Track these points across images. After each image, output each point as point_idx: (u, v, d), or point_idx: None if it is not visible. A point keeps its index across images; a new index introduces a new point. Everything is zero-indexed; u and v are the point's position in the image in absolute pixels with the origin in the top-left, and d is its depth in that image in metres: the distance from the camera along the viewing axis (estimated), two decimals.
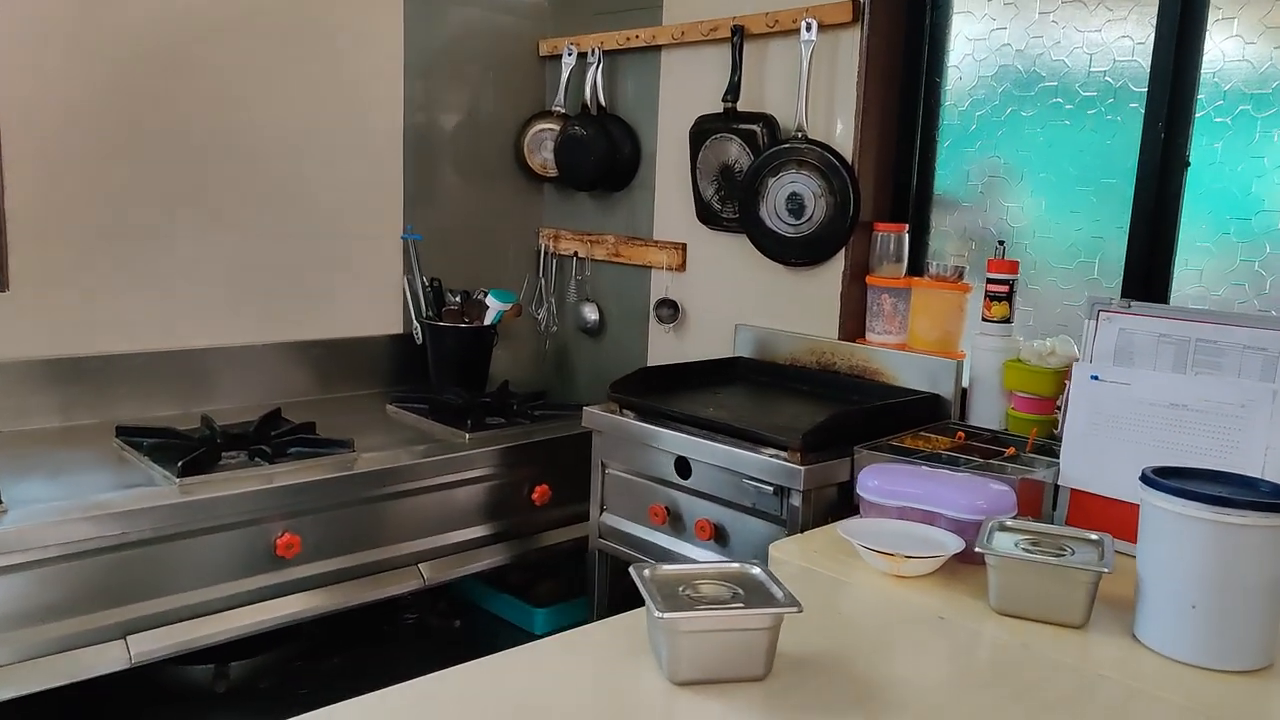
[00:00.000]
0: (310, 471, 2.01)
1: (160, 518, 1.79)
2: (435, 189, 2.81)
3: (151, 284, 2.35)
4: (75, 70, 2.19)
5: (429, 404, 2.48)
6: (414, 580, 2.15)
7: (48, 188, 2.19)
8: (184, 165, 2.37)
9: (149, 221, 2.33)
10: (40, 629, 1.68)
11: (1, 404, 2.15)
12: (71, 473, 1.92)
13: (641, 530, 2.09)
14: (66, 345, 2.25)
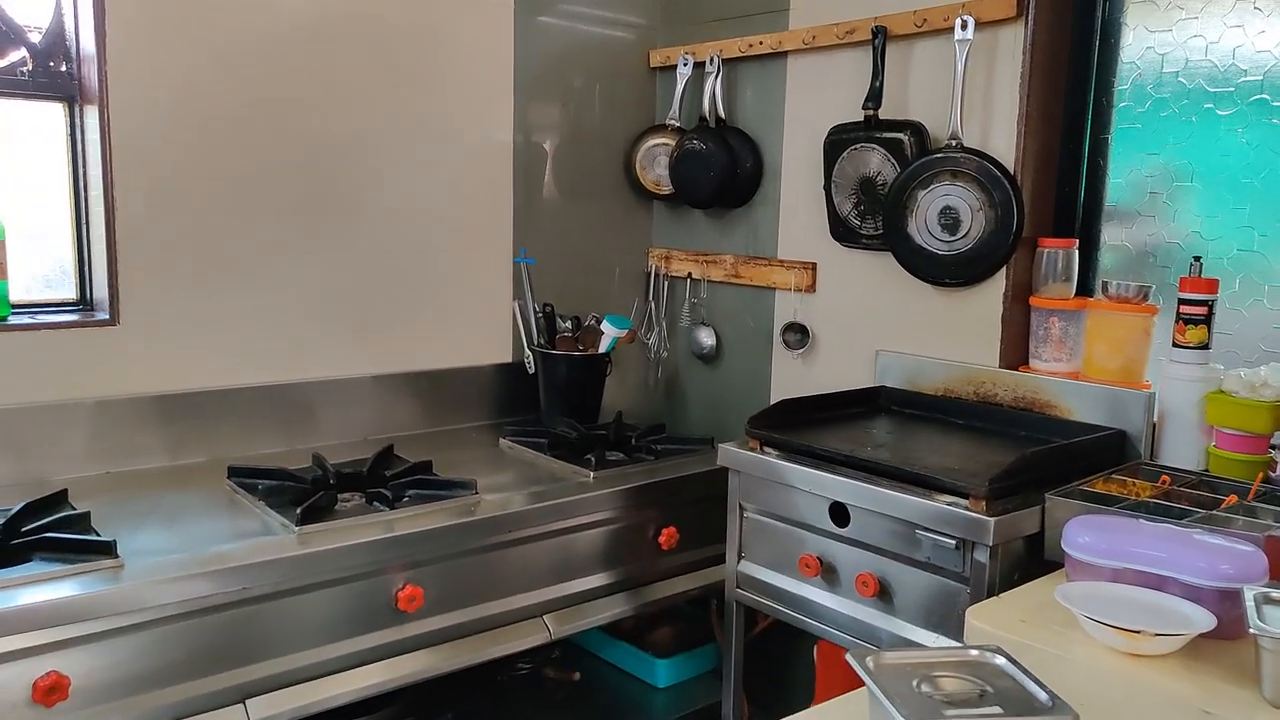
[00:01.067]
0: (432, 518, 1.86)
1: (281, 571, 1.66)
2: (543, 209, 2.66)
3: (256, 316, 2.24)
4: (188, 103, 2.09)
5: (546, 438, 2.32)
6: (539, 634, 1.99)
7: (156, 221, 2.09)
8: (290, 194, 2.25)
9: (254, 253, 2.22)
10: (157, 694, 1.56)
11: (111, 443, 2.05)
12: (185, 520, 1.80)
13: (788, 581, 1.90)
14: (173, 381, 2.14)
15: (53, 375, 2.00)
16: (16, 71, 2.04)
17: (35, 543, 1.58)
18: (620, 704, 2.31)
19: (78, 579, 1.51)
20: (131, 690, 1.53)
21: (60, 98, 2.09)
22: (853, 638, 1.78)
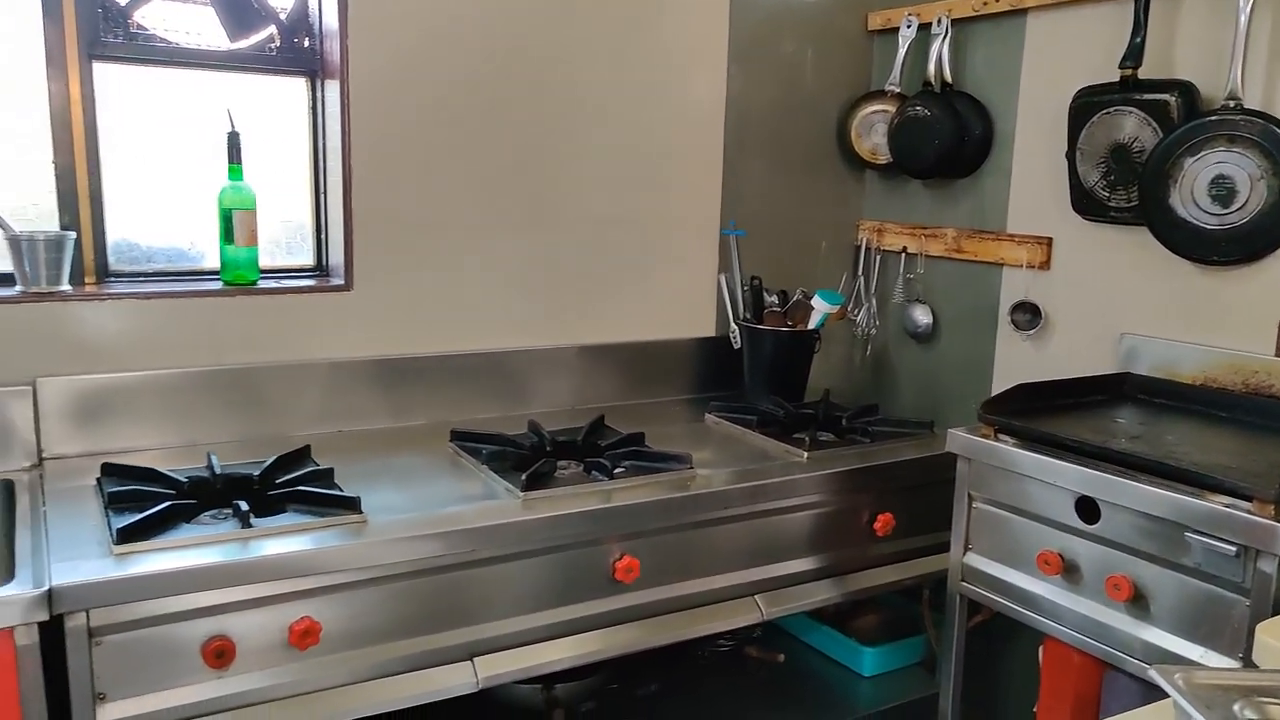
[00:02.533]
0: (649, 490, 1.85)
1: (506, 535, 1.68)
2: (752, 179, 2.60)
3: (473, 285, 2.29)
4: (417, 78, 2.15)
5: (755, 415, 2.27)
6: (751, 613, 1.96)
7: (387, 191, 2.16)
8: (505, 166, 2.28)
9: (473, 223, 2.27)
10: (394, 645, 1.61)
11: (342, 404, 2.15)
12: (415, 480, 1.86)
13: (1022, 578, 1.78)
14: (398, 346, 2.22)
15: (293, 337, 2.11)
16: (265, 48, 2.15)
17: (289, 495, 1.66)
18: (825, 689, 2.24)
19: (327, 531, 1.58)
20: (372, 640, 1.59)
21: (303, 72, 2.19)
22: (1094, 640, 1.65)
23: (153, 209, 2.09)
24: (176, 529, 1.54)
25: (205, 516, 1.61)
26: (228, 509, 1.63)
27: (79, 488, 1.75)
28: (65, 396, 1.89)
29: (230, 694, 1.49)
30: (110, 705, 1.41)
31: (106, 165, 2.02)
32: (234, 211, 2.04)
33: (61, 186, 1.98)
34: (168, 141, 2.08)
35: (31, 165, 1.95)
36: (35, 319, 1.87)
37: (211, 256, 2.15)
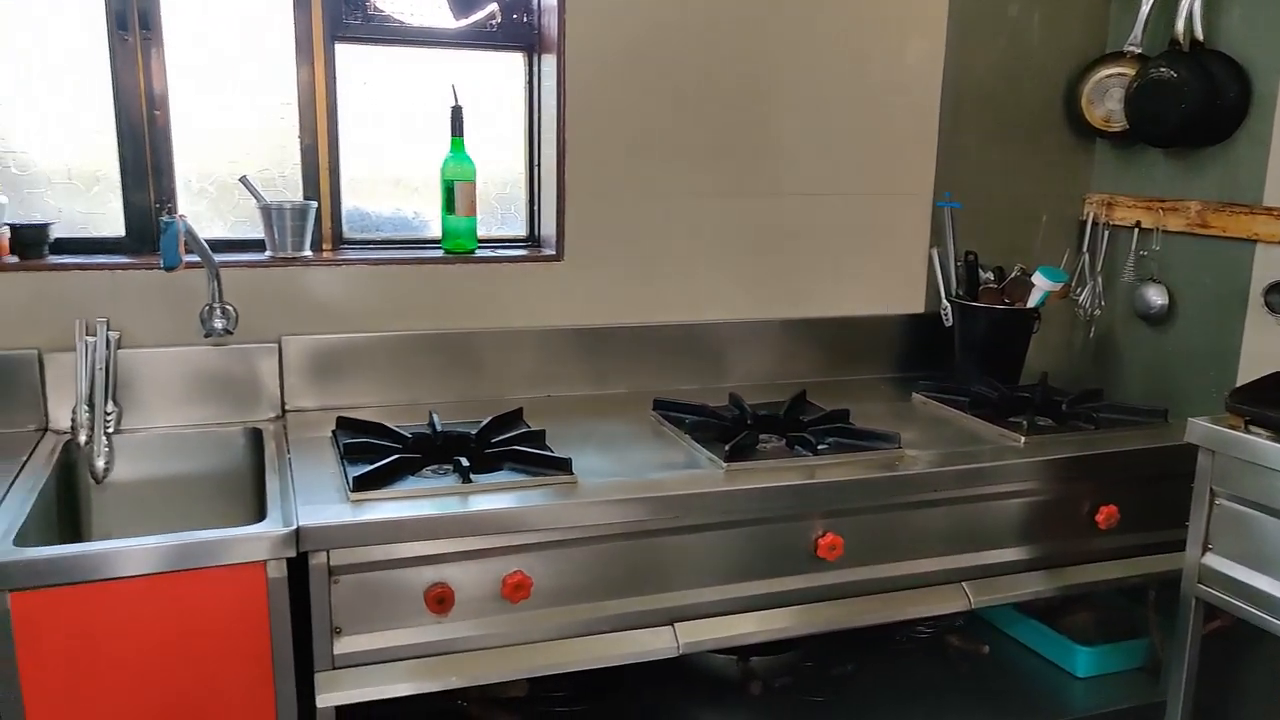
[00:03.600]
0: (854, 468, 1.80)
1: (710, 504, 1.69)
2: (970, 149, 2.47)
3: (676, 257, 2.31)
4: (630, 50, 2.17)
5: (967, 396, 2.17)
6: (957, 601, 1.88)
7: (598, 164, 2.20)
8: (710, 138, 2.28)
9: (678, 196, 2.28)
10: (600, 605, 1.66)
11: (550, 369, 2.22)
12: (619, 446, 1.89)
13: (1272, 584, 1.62)
14: (603, 315, 2.27)
15: (506, 304, 2.20)
16: (486, 25, 2.23)
17: (505, 453, 1.73)
18: (1033, 687, 2.13)
19: (540, 490, 1.64)
20: (578, 597, 1.64)
21: (521, 47, 2.26)
22: None
23: (381, 180, 2.23)
24: (403, 480, 1.64)
25: (427, 470, 1.71)
26: (448, 464, 1.72)
27: (317, 438, 1.89)
28: (305, 354, 2.05)
29: (448, 639, 1.58)
30: (345, 639, 1.53)
31: (342, 139, 2.16)
32: (455, 183, 2.14)
33: (305, 160, 2.14)
34: (393, 115, 2.20)
35: (280, 139, 2.12)
36: (281, 282, 2.03)
37: (433, 226, 2.27)
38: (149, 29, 1.97)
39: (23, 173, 1.98)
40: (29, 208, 1.98)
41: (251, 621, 1.47)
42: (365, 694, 1.53)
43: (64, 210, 2.01)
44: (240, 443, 1.98)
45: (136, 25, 1.96)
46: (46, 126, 1.97)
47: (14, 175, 1.97)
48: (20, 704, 1.37)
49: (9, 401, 1.86)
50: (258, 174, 2.08)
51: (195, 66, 2.04)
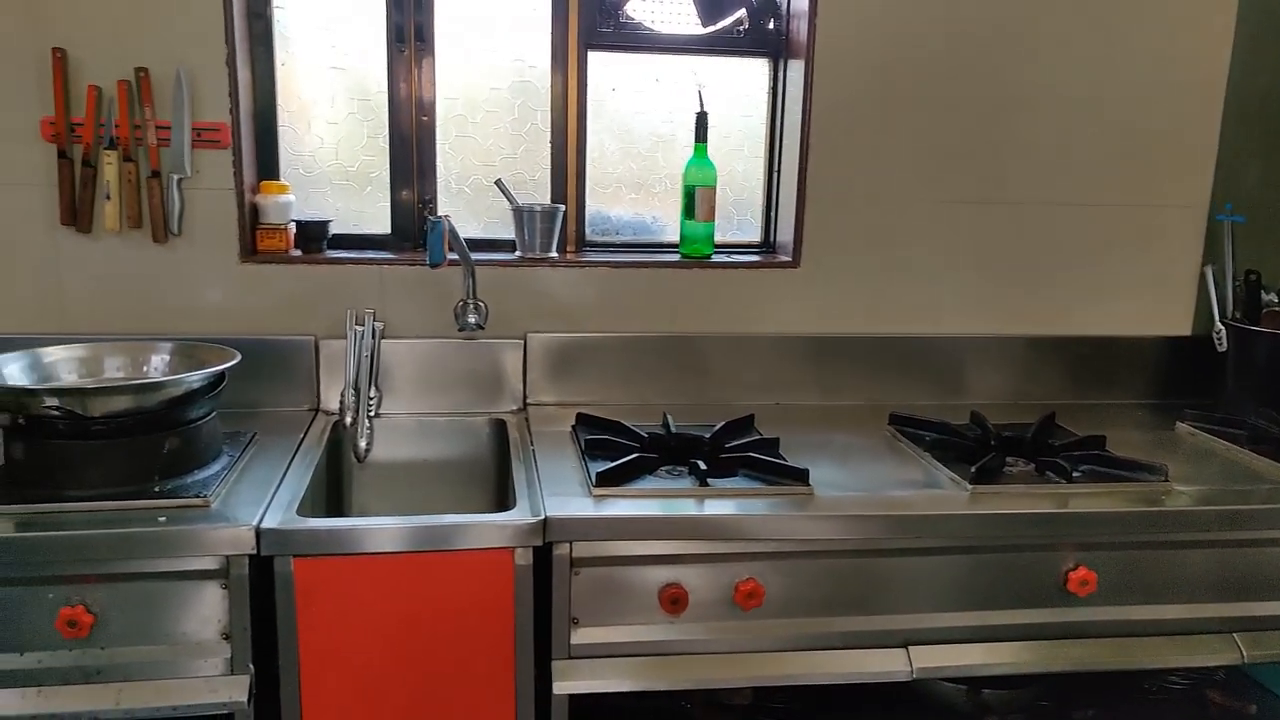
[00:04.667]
0: (1113, 499, 1.68)
1: (953, 527, 1.62)
2: (1255, 160, 2.24)
3: (915, 267, 2.23)
4: (879, 58, 2.12)
5: (1242, 429, 1.97)
6: (1228, 653, 1.71)
7: (840, 171, 2.17)
8: (962, 139, 2.18)
9: (920, 206, 2.21)
10: (830, 620, 1.62)
11: (781, 377, 2.20)
12: (855, 459, 1.85)
13: None
14: (836, 324, 2.23)
15: (740, 310, 2.20)
16: (734, 31, 2.24)
17: (740, 459, 1.73)
18: None
19: (776, 499, 1.63)
20: (811, 611, 1.62)
21: (766, 53, 2.25)
22: None
23: (622, 183, 2.28)
24: (641, 479, 1.67)
25: (662, 471, 1.73)
26: (682, 466, 1.73)
27: (557, 432, 1.96)
28: (547, 350, 2.13)
29: (679, 639, 1.59)
30: (582, 629, 1.57)
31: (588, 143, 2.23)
32: (697, 188, 2.16)
33: (555, 164, 2.22)
34: (636, 120, 2.25)
35: (532, 144, 2.22)
36: (528, 281, 2.13)
37: (670, 230, 2.31)
38: (423, 41, 2.11)
39: (308, 174, 2.17)
40: (312, 205, 2.17)
41: (497, 605, 1.54)
42: (598, 685, 1.57)
43: (340, 208, 2.19)
44: (485, 432, 2.08)
45: (412, 38, 2.11)
46: (331, 131, 2.16)
47: (301, 176, 2.16)
48: (297, 659, 1.50)
49: (289, 382, 2.04)
50: (510, 176, 2.18)
51: (458, 75, 2.17)
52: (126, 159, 1.93)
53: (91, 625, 1.45)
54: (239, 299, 2.03)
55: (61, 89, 1.88)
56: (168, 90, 1.93)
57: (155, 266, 2.00)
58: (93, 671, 1.46)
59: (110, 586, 1.46)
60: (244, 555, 1.47)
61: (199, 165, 1.97)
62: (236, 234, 2.01)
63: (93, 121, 1.90)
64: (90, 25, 1.88)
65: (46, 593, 1.44)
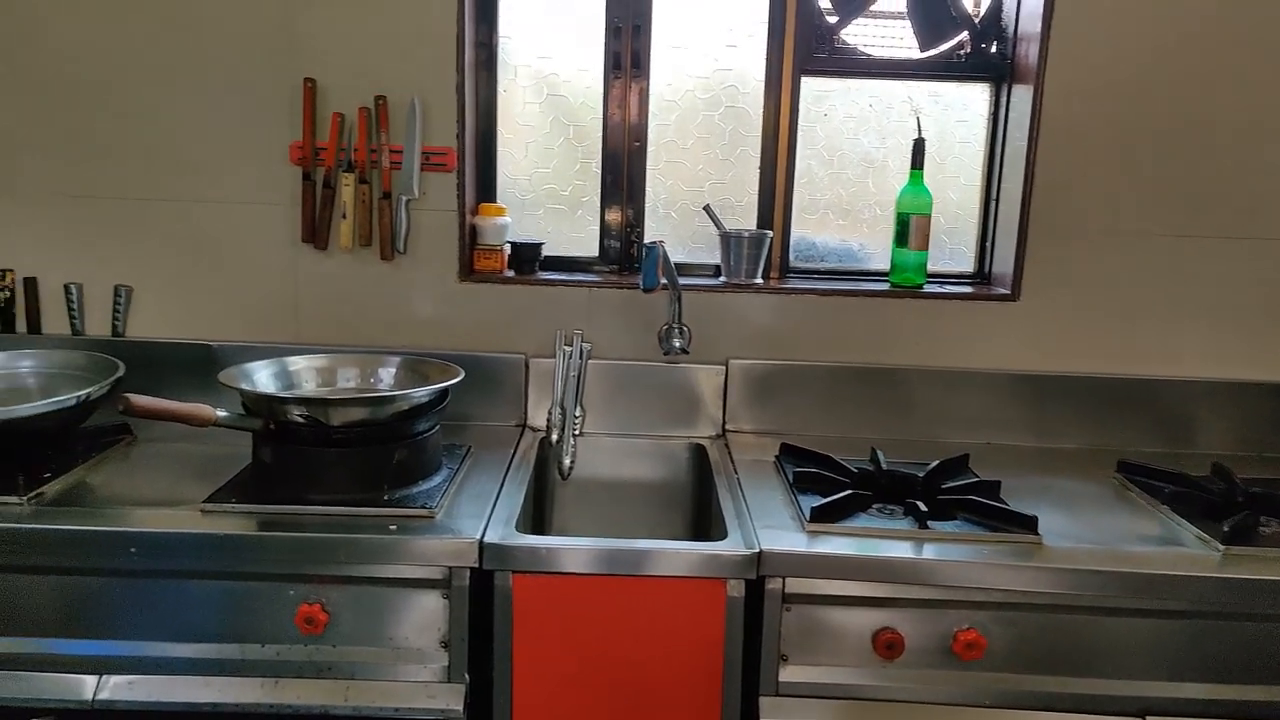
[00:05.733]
0: None
1: (1205, 591, 1.48)
2: None
3: (1140, 304, 2.09)
4: (1113, 85, 2.00)
5: None
6: None
7: (1065, 202, 2.05)
8: (1206, 171, 2.03)
9: (1159, 233, 2.06)
10: (1055, 680, 1.52)
11: (992, 415, 2.10)
12: (1081, 508, 1.73)
13: None
14: (1055, 362, 2.11)
15: (951, 343, 2.11)
16: (954, 55, 2.16)
17: (959, 502, 1.66)
18: None
19: (1001, 547, 1.54)
20: (1036, 668, 1.52)
21: (988, 78, 2.16)
22: None
23: (829, 209, 2.24)
24: (855, 517, 1.62)
25: (875, 509, 1.67)
26: (895, 505, 1.67)
27: (759, 462, 1.93)
28: (747, 377, 2.11)
29: (893, 686, 1.53)
30: (790, 667, 1.53)
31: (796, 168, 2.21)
32: (911, 216, 2.10)
33: (762, 189, 2.21)
34: (846, 145, 2.21)
35: (740, 169, 2.21)
36: (732, 306, 2.11)
37: (876, 258, 2.24)
38: (638, 68, 2.15)
39: (524, 196, 2.24)
40: (524, 227, 2.24)
41: (707, 636, 1.52)
42: None
43: (551, 230, 2.25)
44: (684, 456, 2.08)
45: (628, 65, 2.14)
46: (545, 156, 2.22)
47: (517, 198, 2.23)
48: (510, 672, 1.53)
49: (500, 398, 2.11)
50: (717, 201, 2.18)
51: (670, 100, 2.19)
52: (362, 181, 2.04)
53: (326, 624, 1.52)
54: (455, 316, 2.11)
55: (310, 116, 2.01)
56: (402, 116, 2.03)
57: (381, 283, 2.10)
58: (324, 667, 1.54)
59: (342, 588, 1.53)
60: (466, 568, 1.51)
61: (426, 187, 2.07)
62: (456, 254, 2.10)
63: (335, 146, 2.03)
64: (338, 56, 2.01)
65: (287, 589, 1.53)
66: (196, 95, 2.03)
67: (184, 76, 2.02)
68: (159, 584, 1.53)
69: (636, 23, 2.12)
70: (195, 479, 1.70)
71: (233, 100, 2.03)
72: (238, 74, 2.02)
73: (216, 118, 2.03)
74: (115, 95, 2.03)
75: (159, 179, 2.06)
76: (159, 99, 2.03)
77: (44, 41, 2.01)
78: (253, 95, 2.03)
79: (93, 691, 1.52)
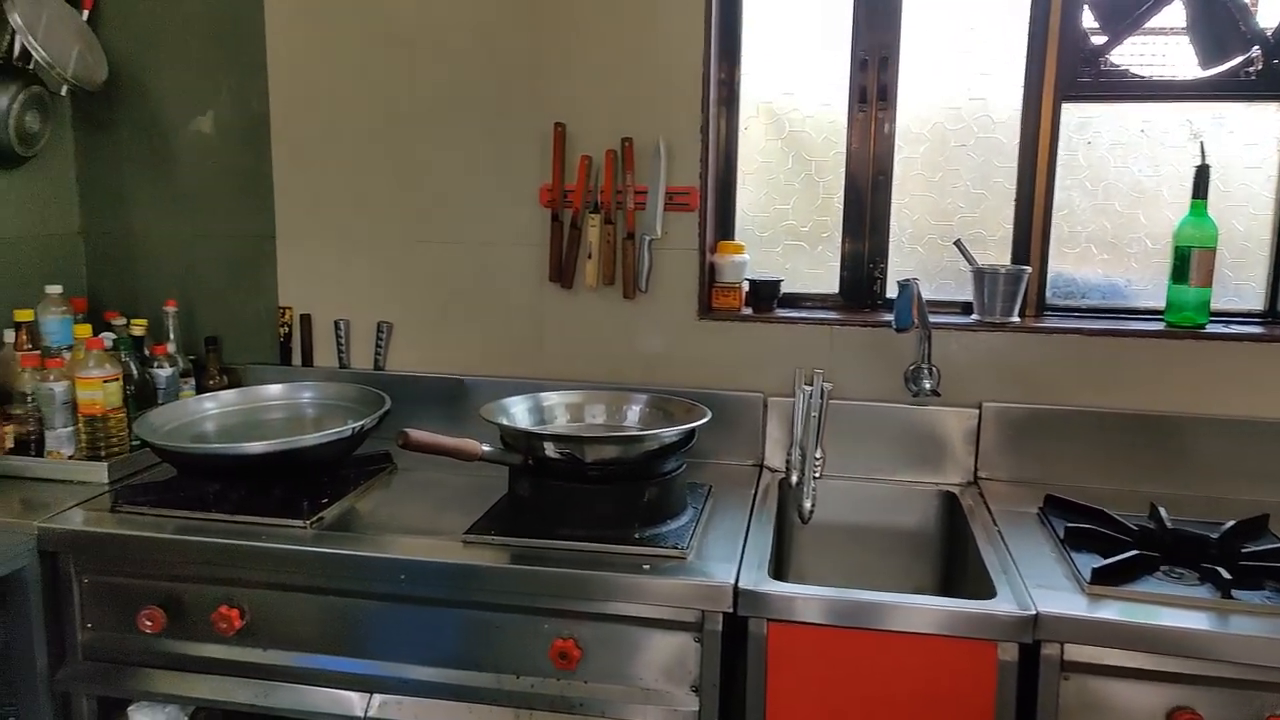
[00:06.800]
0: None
1: None
2: None
3: None
4: None
5: None
6: None
7: None
8: None
9: None
10: None
11: None
12: None
13: None
14: None
15: (1238, 389, 1.91)
16: (1240, 73, 1.97)
17: (1265, 569, 1.47)
18: None
19: None
20: None
21: (1277, 97, 1.96)
22: None
23: (1093, 243, 2.09)
24: (1141, 580, 1.48)
25: (1161, 572, 1.52)
26: (1184, 569, 1.51)
27: (1020, 514, 1.81)
28: (1002, 422, 1.98)
29: None
30: None
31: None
32: (1192, 249, 1.91)
33: (1018, 222, 2.09)
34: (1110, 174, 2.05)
35: (995, 201, 2.10)
36: (986, 346, 2.00)
37: (1145, 295, 2.07)
38: (884, 100, 2.09)
39: (761, 233, 2.22)
40: (761, 264, 2.22)
41: (975, 701, 1.42)
42: None
43: (789, 267, 2.21)
44: (932, 504, 1.98)
45: (874, 97, 2.09)
46: (784, 191, 2.19)
47: (755, 235, 2.21)
48: None
49: (737, 437, 2.08)
50: (967, 236, 2.08)
51: (917, 132, 2.11)
52: (607, 221, 2.09)
53: (579, 660, 1.53)
54: (694, 353, 2.11)
55: (559, 159, 2.08)
56: (647, 157, 2.06)
57: (621, 320, 2.14)
58: (575, 703, 1.55)
59: (594, 624, 1.54)
60: (719, 612, 1.49)
61: (667, 226, 2.09)
62: (696, 292, 2.10)
63: (582, 188, 2.08)
64: (586, 101, 2.07)
65: (543, 623, 1.55)
66: (456, 144, 2.14)
67: (445, 128, 2.14)
68: (423, 610, 1.60)
69: (884, 54, 2.07)
70: (453, 509, 1.77)
71: (488, 147, 2.13)
72: (493, 122, 2.12)
73: (474, 164, 2.14)
74: (382, 147, 2.18)
75: (421, 223, 2.19)
76: (422, 149, 2.16)
77: (319, 103, 2.19)
78: (507, 142, 2.12)
79: (363, 709, 1.60)
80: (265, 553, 1.61)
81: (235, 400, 2.03)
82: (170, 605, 1.66)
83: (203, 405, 1.99)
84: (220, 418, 1.99)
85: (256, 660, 1.65)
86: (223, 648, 1.66)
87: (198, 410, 1.98)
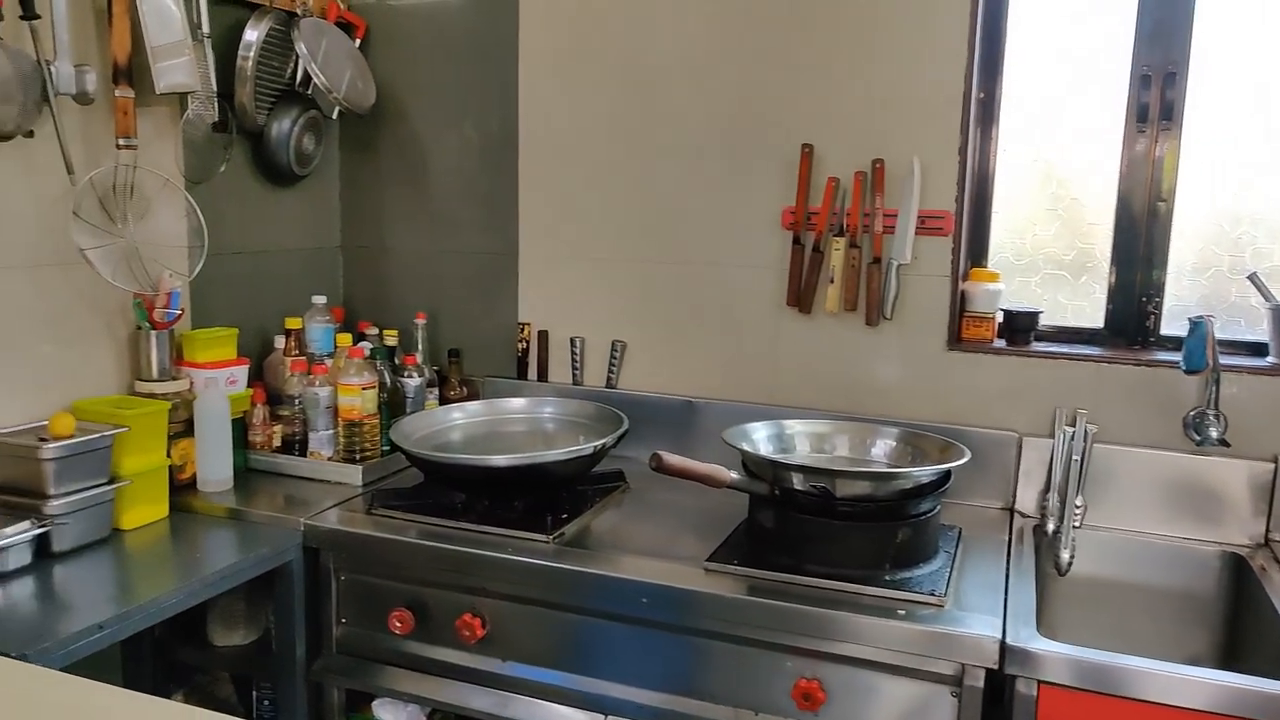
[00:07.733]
0: None
1: None
2: None
3: None
4: None
5: None
6: None
7: None
8: None
9: None
10: None
11: None
12: None
13: None
14: None
15: None
16: None
17: None
18: None
19: None
20: None
21: None
22: None
23: None
24: None
25: None
26: None
27: None
28: None
29: None
30: None
31: None
32: None
33: None
34: None
35: None
36: None
37: None
38: (1169, 120, 1.91)
39: (1016, 260, 2.08)
40: (1015, 295, 2.07)
41: None
42: None
43: (1046, 299, 2.06)
44: (1213, 565, 1.77)
45: (1156, 116, 1.91)
46: (1046, 217, 2.04)
47: (1011, 262, 2.08)
48: None
49: (986, 478, 1.94)
50: (1264, 270, 1.86)
51: (1206, 155, 1.91)
52: (852, 245, 2.01)
53: (823, 704, 1.46)
54: (940, 386, 2.00)
55: (805, 181, 2.03)
56: (898, 179, 1.97)
57: (862, 348, 2.05)
58: None
59: (837, 667, 1.46)
60: (982, 668, 1.38)
61: (918, 252, 1.99)
62: (945, 321, 1.99)
63: (827, 210, 2.02)
64: (836, 122, 2.01)
65: (785, 660, 1.49)
66: (696, 166, 2.13)
67: (687, 150, 2.13)
68: (661, 635, 1.57)
69: (1170, 69, 1.89)
70: (688, 534, 1.74)
71: (730, 169, 2.10)
72: (738, 143, 2.09)
73: (714, 185, 2.12)
74: (623, 168, 2.19)
75: (661, 243, 2.19)
76: (663, 170, 2.16)
77: (564, 126, 2.23)
78: (749, 163, 2.08)
79: None
80: (510, 565, 1.63)
81: (480, 411, 2.09)
82: (418, 609, 1.71)
83: (450, 415, 2.06)
84: (465, 428, 2.05)
85: (495, 670, 1.68)
86: (464, 655, 1.69)
87: (445, 419, 2.05)
